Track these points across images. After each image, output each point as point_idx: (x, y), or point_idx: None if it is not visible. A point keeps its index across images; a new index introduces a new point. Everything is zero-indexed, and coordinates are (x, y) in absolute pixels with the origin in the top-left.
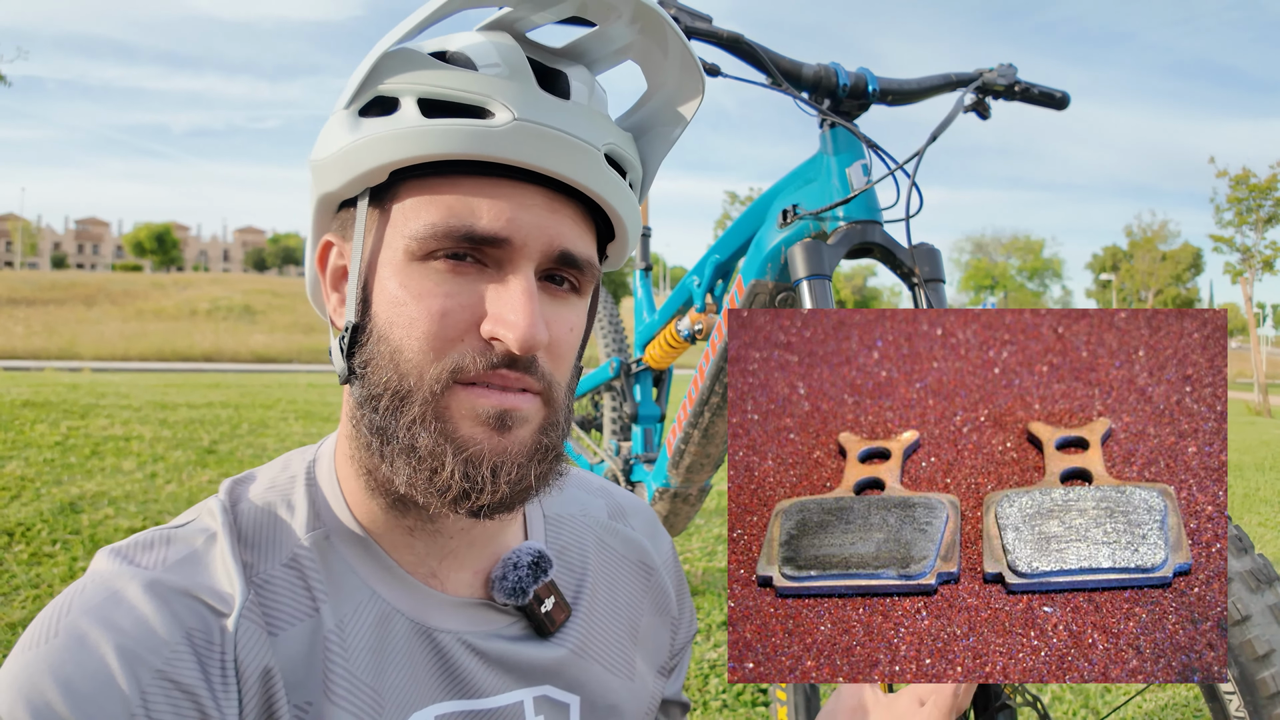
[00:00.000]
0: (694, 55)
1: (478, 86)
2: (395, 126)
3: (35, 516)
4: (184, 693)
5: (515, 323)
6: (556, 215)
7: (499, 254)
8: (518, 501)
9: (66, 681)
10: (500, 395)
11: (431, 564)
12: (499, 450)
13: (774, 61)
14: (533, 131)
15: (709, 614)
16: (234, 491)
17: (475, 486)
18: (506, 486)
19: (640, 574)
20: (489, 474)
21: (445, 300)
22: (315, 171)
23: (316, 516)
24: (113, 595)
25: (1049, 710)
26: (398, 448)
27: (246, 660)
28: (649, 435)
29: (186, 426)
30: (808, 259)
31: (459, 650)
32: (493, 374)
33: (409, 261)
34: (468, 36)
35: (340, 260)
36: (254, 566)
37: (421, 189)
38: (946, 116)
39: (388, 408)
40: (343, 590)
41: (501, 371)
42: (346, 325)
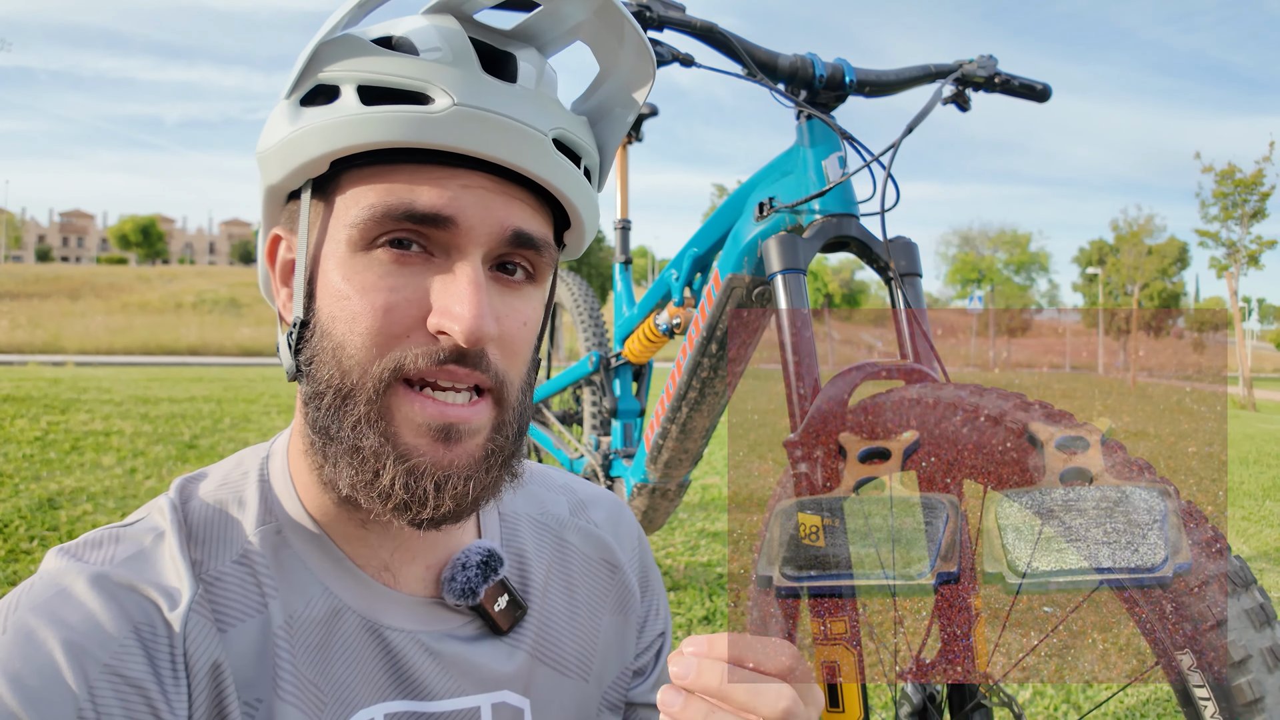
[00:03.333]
0: (645, 37)
1: (418, 72)
2: (334, 115)
3: (13, 512)
4: (132, 687)
5: (461, 314)
6: (506, 198)
7: (445, 239)
8: (464, 514)
9: (15, 677)
10: (443, 407)
11: (384, 556)
12: (443, 464)
13: (749, 52)
14: (473, 117)
15: (690, 609)
16: (185, 489)
17: (416, 499)
18: (451, 501)
19: (603, 572)
20: (431, 488)
21: (390, 294)
22: (261, 163)
23: (269, 512)
24: (60, 592)
25: (1026, 709)
26: (341, 448)
27: (195, 655)
28: (628, 430)
29: (168, 421)
30: (782, 253)
31: (411, 650)
32: (439, 370)
33: (352, 253)
34: (412, 20)
35: (288, 254)
36: (203, 563)
37: (363, 178)
38: (924, 108)
39: (330, 405)
40: (294, 585)
41: (449, 368)
42: (295, 321)
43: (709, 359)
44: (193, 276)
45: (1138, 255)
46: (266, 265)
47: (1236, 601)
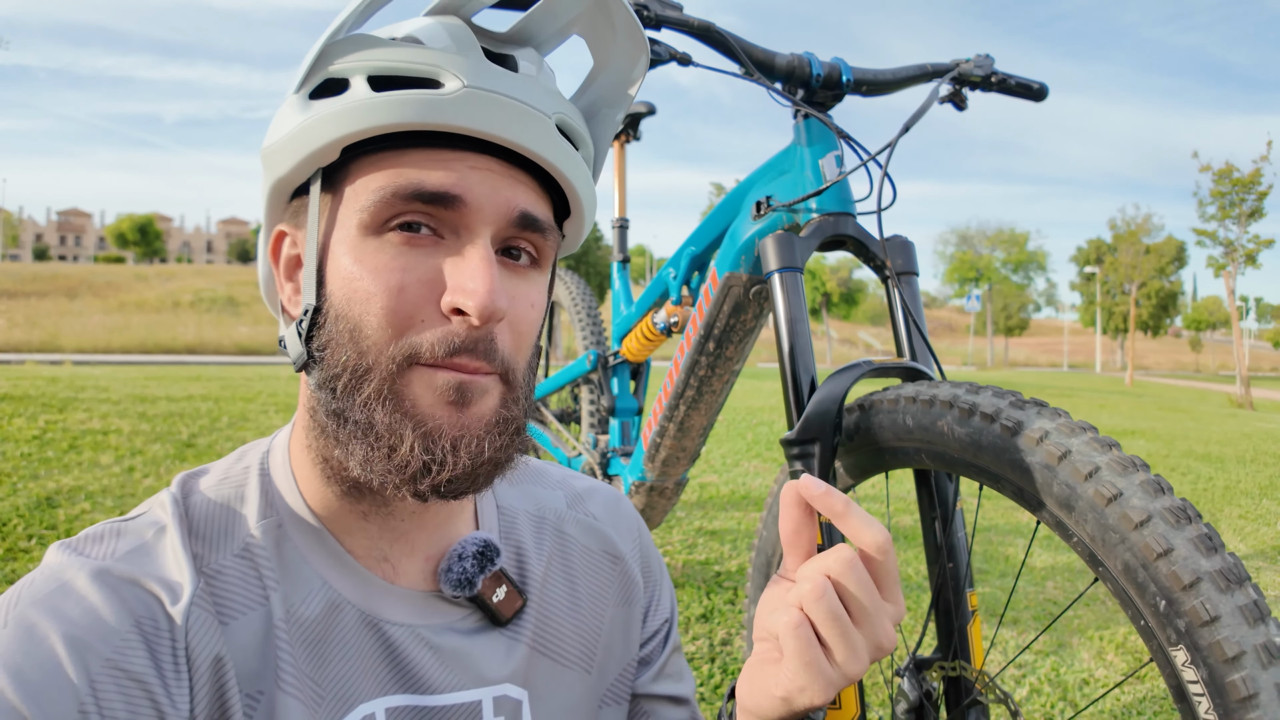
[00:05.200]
0: (641, 28)
1: (427, 58)
2: (345, 103)
3: (11, 511)
4: (134, 681)
5: (475, 290)
6: (512, 180)
7: (454, 219)
8: (480, 476)
9: (16, 671)
10: (457, 373)
11: (383, 548)
12: (458, 425)
13: (746, 51)
14: (483, 98)
15: (688, 607)
16: (186, 484)
17: (435, 460)
18: (468, 459)
19: (604, 564)
20: (449, 447)
21: (402, 275)
22: (266, 159)
23: (270, 505)
24: (61, 586)
25: (1022, 705)
26: (354, 428)
27: (197, 648)
28: (626, 428)
29: (166, 420)
30: (779, 251)
31: (411, 643)
32: (450, 361)
33: (363, 237)
34: (415, 21)
35: (293, 249)
36: (204, 557)
37: (372, 165)
38: (920, 107)
39: (345, 386)
40: (294, 579)
41: (460, 359)
42: (305, 308)
43: (707, 357)
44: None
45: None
46: (270, 262)
47: (1230, 599)
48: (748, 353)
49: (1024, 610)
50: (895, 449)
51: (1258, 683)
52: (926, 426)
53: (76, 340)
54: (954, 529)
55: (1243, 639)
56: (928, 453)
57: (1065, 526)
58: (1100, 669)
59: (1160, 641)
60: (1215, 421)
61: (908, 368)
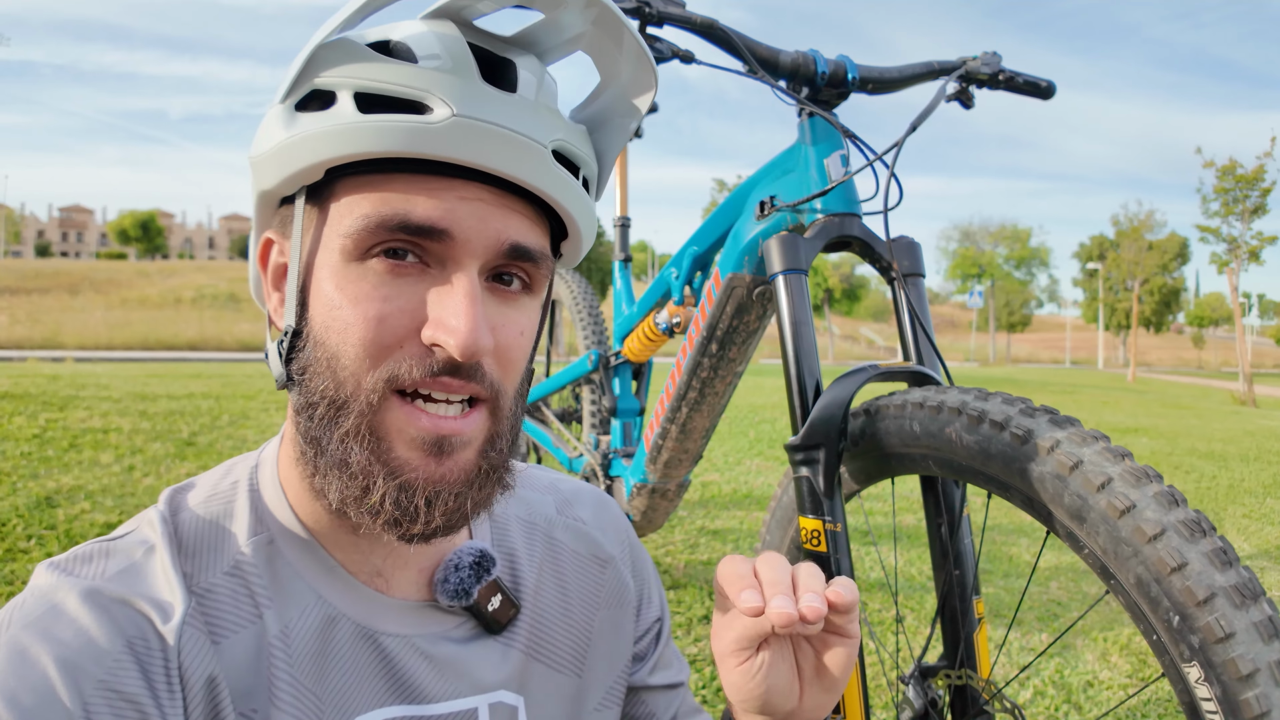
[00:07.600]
0: (646, 47)
1: (416, 80)
2: (331, 123)
3: (10, 511)
4: (127, 702)
5: (456, 328)
6: (503, 210)
7: (441, 250)
8: (455, 529)
9: (9, 695)
10: (436, 420)
11: (376, 562)
12: (435, 479)
13: (750, 48)
14: (472, 128)
15: (690, 608)
16: (174, 501)
17: (407, 515)
18: (441, 518)
19: (593, 568)
20: (423, 504)
21: (383, 304)
22: (254, 167)
23: (260, 521)
24: (52, 608)
25: (1027, 709)
26: (330, 461)
27: (190, 668)
28: (628, 429)
29: (166, 418)
30: (784, 253)
31: (406, 654)
32: (433, 381)
33: (346, 262)
34: (411, 25)
35: (281, 258)
36: (194, 576)
37: (359, 186)
38: (927, 106)
39: (323, 417)
40: (288, 595)
41: (443, 379)
42: (285, 330)
43: (709, 359)
44: (192, 271)
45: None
46: (258, 268)
47: (1245, 615)
48: (751, 354)
49: (1028, 611)
50: (902, 455)
51: (1271, 700)
52: (934, 433)
53: (78, 337)
54: (960, 535)
55: (1257, 656)
56: (935, 460)
57: (1076, 538)
58: (1105, 671)
59: (1173, 657)
60: (1218, 418)
61: (914, 372)
